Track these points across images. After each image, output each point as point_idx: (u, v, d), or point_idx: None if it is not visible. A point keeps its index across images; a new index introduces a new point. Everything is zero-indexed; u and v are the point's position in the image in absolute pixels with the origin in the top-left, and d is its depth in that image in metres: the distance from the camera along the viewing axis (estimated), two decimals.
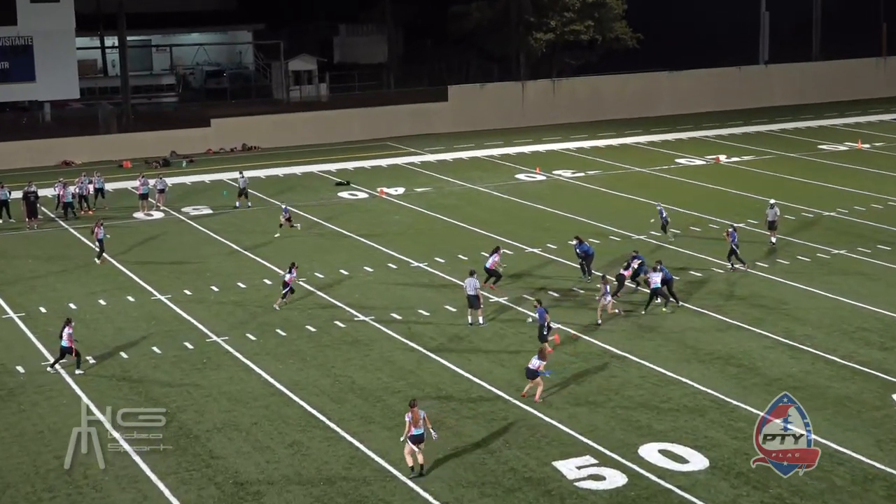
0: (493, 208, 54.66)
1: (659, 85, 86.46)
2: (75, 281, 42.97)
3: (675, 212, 52.19)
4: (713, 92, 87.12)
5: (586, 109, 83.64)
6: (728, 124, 79.76)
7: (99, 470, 26.22)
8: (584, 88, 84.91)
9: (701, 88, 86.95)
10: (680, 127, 78.96)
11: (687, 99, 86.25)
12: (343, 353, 34.31)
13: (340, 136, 76.36)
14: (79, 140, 71.41)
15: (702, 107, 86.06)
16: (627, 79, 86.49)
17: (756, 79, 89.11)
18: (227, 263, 45.09)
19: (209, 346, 35.03)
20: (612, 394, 30.61)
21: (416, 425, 25.67)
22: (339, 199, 57.78)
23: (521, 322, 36.79)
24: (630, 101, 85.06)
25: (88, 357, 34.05)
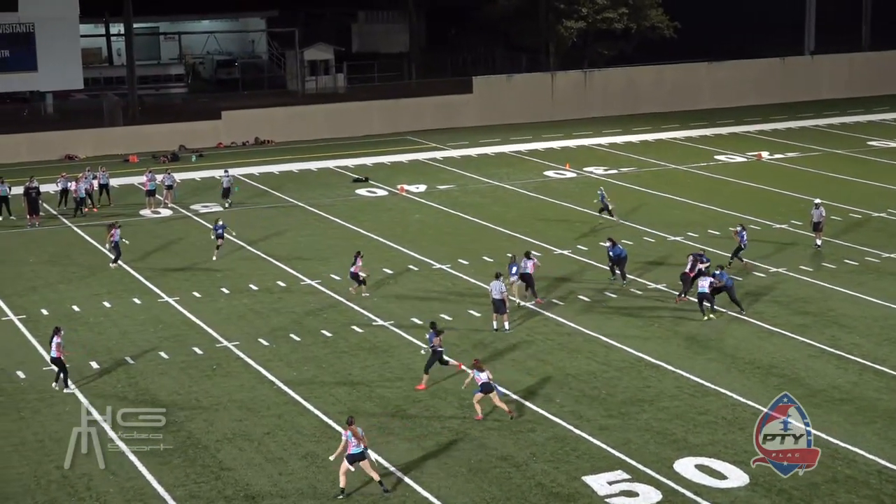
0: (520, 207, 54.69)
1: (697, 76, 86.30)
2: (79, 282, 43.21)
3: (715, 212, 52.14)
4: (755, 84, 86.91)
5: (620, 102, 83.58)
6: (771, 119, 79.55)
7: (103, 479, 26.40)
8: (618, 80, 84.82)
9: (742, 80, 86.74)
10: (720, 121, 78.81)
11: (727, 91, 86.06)
12: (361, 359, 34.40)
13: (359, 130, 76.52)
14: (82, 133, 71.82)
15: (743, 100, 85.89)
16: (664, 70, 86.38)
17: (801, 70, 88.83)
18: (238, 264, 45.26)
19: (219, 352, 35.19)
20: (647, 405, 30.61)
21: (355, 443, 25.51)
22: (357, 196, 57.91)
23: (549, 327, 36.81)
24: (666, 93, 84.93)
25: (92, 362, 34.27)
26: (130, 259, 45.94)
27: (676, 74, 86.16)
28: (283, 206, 55.44)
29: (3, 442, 28.87)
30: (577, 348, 34.99)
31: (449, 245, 47.43)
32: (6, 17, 73.29)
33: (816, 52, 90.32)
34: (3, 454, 28.16)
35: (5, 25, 73.40)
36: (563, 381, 32.42)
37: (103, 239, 46.56)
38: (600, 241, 46.34)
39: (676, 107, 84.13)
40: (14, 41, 73.94)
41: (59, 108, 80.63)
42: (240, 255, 46.68)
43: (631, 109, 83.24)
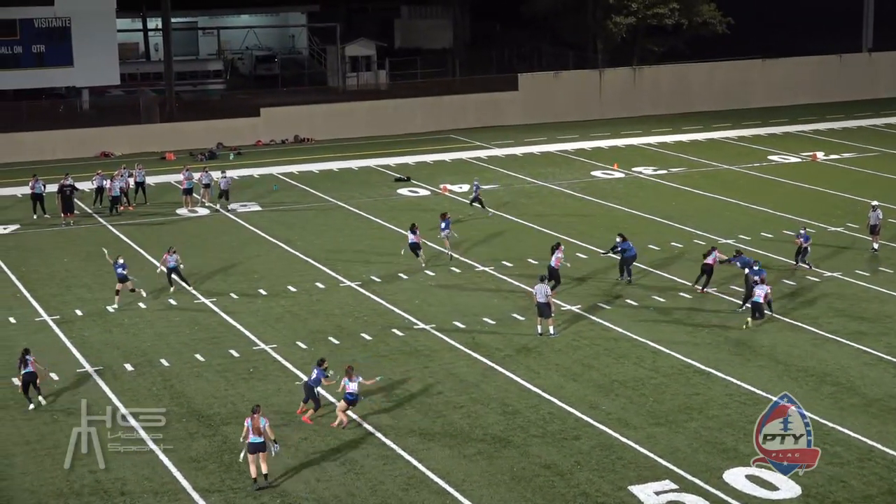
0: (566, 208, 54.59)
1: (751, 74, 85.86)
2: (113, 282, 43.37)
3: (767, 214, 51.88)
4: (811, 82, 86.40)
5: (670, 100, 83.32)
6: (827, 118, 79.04)
7: (137, 483, 26.60)
8: (668, 77, 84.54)
9: (797, 78, 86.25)
10: (773, 120, 78.38)
11: (782, 89, 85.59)
12: (401, 364, 34.45)
13: (401, 128, 76.65)
14: (119, 130, 72.30)
15: (798, 98, 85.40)
16: (716, 67, 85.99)
17: (859, 68, 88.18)
18: (276, 265, 45.43)
19: (256, 355, 35.33)
20: (696, 413, 30.48)
21: (256, 433, 26.16)
22: (399, 196, 58.00)
23: (595, 332, 36.72)
24: (719, 91, 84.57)
25: (127, 364, 34.48)
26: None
27: (729, 72, 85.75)
28: (323, 205, 55.60)
29: (37, 445, 29.11)
30: (623, 354, 34.90)
31: (492, 246, 47.41)
32: (42, 11, 73.88)
33: (875, 50, 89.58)
34: (37, 457, 28.38)
35: (41, 20, 74.00)
36: (609, 387, 32.35)
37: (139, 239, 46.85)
38: (648, 244, 46.19)
39: (729, 105, 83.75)
40: (50, 36, 74.52)
41: (95, 104, 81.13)
42: (278, 255, 46.85)
43: (681, 108, 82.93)
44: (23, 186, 57.47)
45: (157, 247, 47.93)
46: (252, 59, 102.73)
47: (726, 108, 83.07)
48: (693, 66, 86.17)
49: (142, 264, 45.66)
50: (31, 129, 71.29)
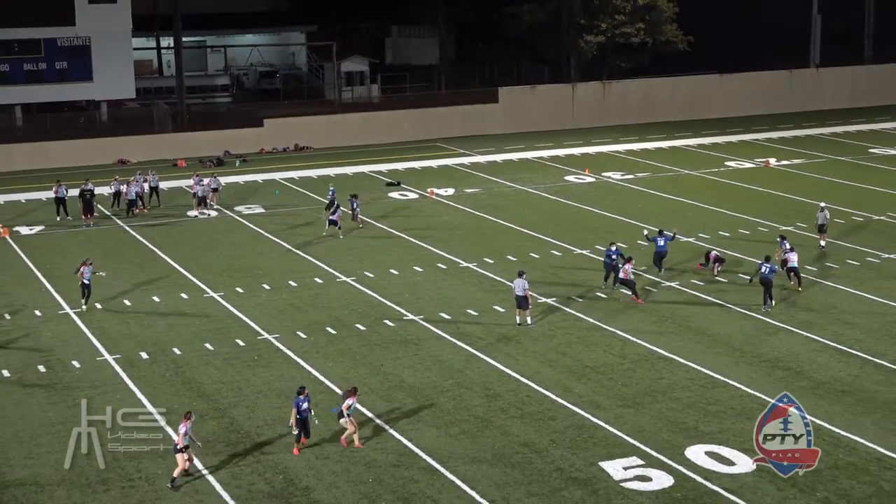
0: (542, 209, 54.62)
1: (709, 88, 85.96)
2: (130, 277, 43.41)
3: (725, 215, 51.96)
4: (763, 95, 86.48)
5: (636, 112, 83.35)
6: (778, 127, 79.13)
7: (151, 461, 26.54)
8: (635, 91, 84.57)
9: (751, 91, 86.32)
10: (730, 130, 78.47)
11: (737, 102, 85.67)
12: (392, 351, 34.45)
13: (391, 137, 76.59)
14: (134, 139, 72.13)
15: (752, 110, 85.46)
16: (678, 81, 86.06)
17: (807, 82, 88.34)
18: (278, 262, 45.39)
19: (260, 344, 35.31)
20: (660, 395, 30.54)
21: None
22: (390, 199, 57.97)
23: (569, 322, 36.76)
24: (680, 103, 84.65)
25: (142, 353, 34.43)
26: (178, 256, 46.15)
27: (690, 86, 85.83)
28: (321, 207, 55.48)
29: (61, 427, 29.03)
30: (594, 342, 34.94)
31: (475, 245, 47.41)
32: (64, 31, 73.61)
33: (822, 65, 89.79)
34: (61, 437, 28.30)
35: (63, 39, 73.76)
36: (581, 372, 32.39)
37: (153, 238, 46.77)
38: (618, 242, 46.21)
39: (689, 116, 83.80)
40: (72, 54, 74.25)
41: (112, 115, 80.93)
42: (280, 253, 46.79)
43: (647, 118, 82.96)
44: (47, 191, 57.35)
45: (170, 245, 47.93)
46: (256, 75, 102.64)
47: (687, 119, 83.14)
48: (657, 81, 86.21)
49: (156, 261, 45.61)
50: (54, 139, 71.16)
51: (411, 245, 47.73)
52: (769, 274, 37.94)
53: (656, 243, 42.39)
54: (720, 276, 41.54)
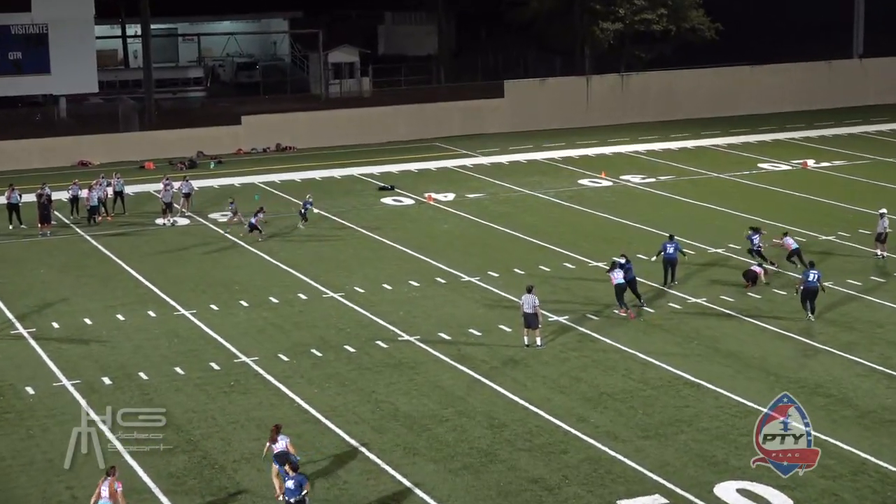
0: (553, 217, 54.55)
1: (740, 81, 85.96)
2: (92, 293, 43.30)
3: (758, 222, 51.88)
4: (800, 89, 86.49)
5: (658, 108, 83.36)
6: (817, 125, 79.19)
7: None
8: (657, 84, 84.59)
9: (787, 85, 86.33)
10: (763, 128, 78.47)
11: (771, 96, 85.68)
12: (385, 376, 34.33)
13: (384, 136, 76.55)
14: (97, 138, 72.07)
15: (788, 105, 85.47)
16: (705, 74, 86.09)
17: (849, 74, 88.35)
18: (258, 276, 45.29)
19: (237, 368, 35.18)
20: (685, 425, 30.41)
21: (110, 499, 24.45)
22: (383, 205, 57.91)
23: (583, 343, 36.64)
24: (707, 98, 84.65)
25: (105, 378, 34.27)
26: (145, 269, 46.05)
27: (717, 78, 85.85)
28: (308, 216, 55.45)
29: (12, 462, 28.87)
30: (612, 366, 34.82)
31: (478, 256, 47.33)
32: (19, 17, 73.62)
33: (865, 56, 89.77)
34: (12, 474, 28.14)
35: (18, 26, 73.75)
36: (597, 399, 32.27)
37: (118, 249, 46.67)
38: (638, 253, 46.13)
39: (717, 112, 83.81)
40: (27, 43, 74.27)
41: (72, 112, 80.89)
42: (260, 266, 46.70)
43: (670, 115, 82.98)
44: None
45: (136, 257, 47.81)
46: (233, 67, 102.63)
47: (715, 116, 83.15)
48: (681, 73, 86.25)
49: (121, 276, 45.50)
50: (6, 138, 70.98)
51: (407, 257, 47.65)
52: (815, 282, 38.06)
53: (665, 250, 42.38)
54: (752, 292, 41.43)
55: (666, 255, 42.47)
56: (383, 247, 49.43)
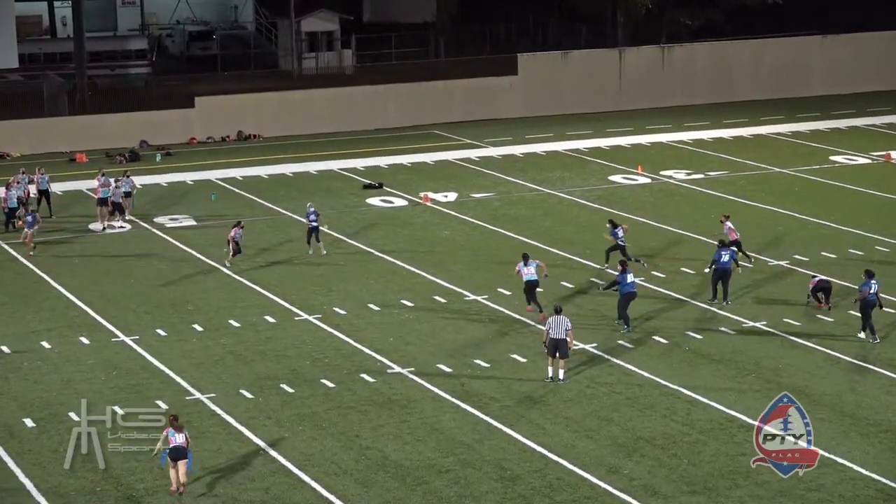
0: (579, 221, 54.65)
1: (808, 54, 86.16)
2: (10, 315, 43.29)
3: (830, 228, 51.97)
4: (882, 63, 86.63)
5: (707, 87, 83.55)
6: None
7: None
8: (705, 58, 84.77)
9: (865, 59, 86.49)
10: (836, 112, 78.64)
11: (845, 73, 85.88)
12: (372, 417, 34.37)
13: (371, 122, 76.71)
14: (16, 124, 72.22)
15: (867, 84, 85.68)
16: (763, 45, 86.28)
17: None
18: (215, 293, 45.37)
19: (190, 406, 35.20)
20: (741, 478, 30.46)
21: None
22: (369, 206, 58.04)
23: (616, 377, 36.69)
24: (768, 75, 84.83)
25: (27, 419, 34.33)
26: (76, 286, 46.12)
27: (781, 51, 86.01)
28: (274, 219, 55.48)
29: None
30: (650, 404, 34.87)
31: (486, 270, 47.44)
32: None
33: None
34: None
35: None
36: (632, 446, 32.32)
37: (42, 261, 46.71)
38: (681, 266, 46.22)
39: (780, 93, 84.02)
40: None
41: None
42: (217, 282, 46.77)
43: (721, 96, 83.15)
44: None
45: (65, 271, 47.86)
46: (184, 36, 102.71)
47: (777, 97, 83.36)
48: (735, 45, 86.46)
49: (47, 293, 45.53)
50: None
51: (398, 270, 47.78)
52: (873, 296, 38.31)
53: (718, 259, 42.38)
54: (824, 315, 41.50)
55: (720, 266, 42.45)
56: (369, 258, 49.50)
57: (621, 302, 40.82)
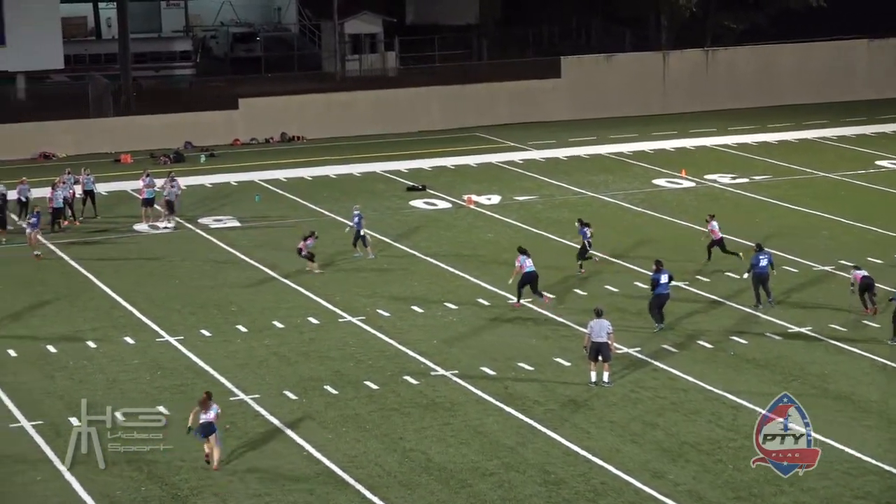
0: (622, 225, 54.53)
1: (854, 57, 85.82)
2: (56, 315, 43.48)
3: (876, 234, 51.72)
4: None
5: (752, 91, 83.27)
6: None
7: None
8: (749, 62, 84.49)
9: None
10: (882, 116, 78.24)
11: (893, 77, 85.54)
12: (415, 419, 34.35)
13: (414, 124, 76.72)
14: (62, 125, 72.48)
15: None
16: (810, 49, 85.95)
17: None
18: (259, 295, 45.46)
19: (234, 408, 35.24)
20: (786, 484, 30.28)
21: None
22: (412, 209, 58.09)
23: (660, 381, 36.60)
24: (814, 79, 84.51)
25: (72, 418, 34.44)
26: (122, 287, 46.30)
27: (826, 55, 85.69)
28: (317, 220, 55.53)
29: None
30: (695, 409, 34.74)
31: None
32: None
33: None
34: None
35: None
36: (677, 451, 32.21)
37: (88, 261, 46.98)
38: (727, 270, 46.09)
39: (827, 97, 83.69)
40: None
41: (32, 92, 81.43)
42: (261, 283, 46.85)
43: (766, 100, 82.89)
44: None
45: (111, 272, 48.04)
46: (228, 38, 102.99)
47: (823, 101, 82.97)
48: (781, 48, 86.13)
49: (92, 293, 45.72)
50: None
51: (441, 273, 47.83)
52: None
53: (756, 263, 42.29)
54: (870, 321, 41.27)
55: (757, 271, 42.38)
56: (413, 260, 49.50)
57: (653, 303, 41.00)
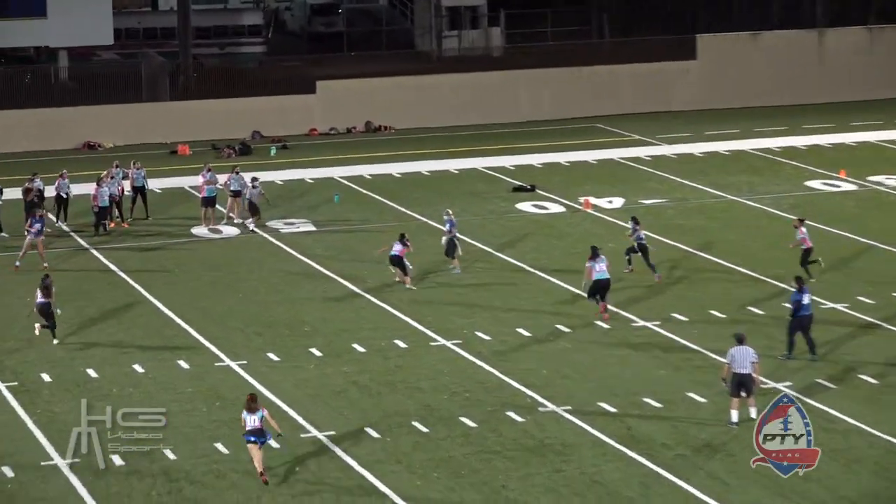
0: (770, 234, 54.15)
1: None
2: (99, 333, 43.62)
3: None
4: None
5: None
6: None
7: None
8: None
9: None
10: None
11: None
12: (520, 465, 34.08)
13: (521, 113, 76.80)
14: (110, 110, 73.19)
15: None
16: None
17: None
18: (336, 313, 45.45)
19: (305, 445, 35.15)
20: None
21: None
22: (519, 213, 58.00)
23: (813, 422, 36.02)
24: None
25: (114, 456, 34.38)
26: (175, 300, 46.38)
27: None
28: (407, 225, 55.39)
29: None
30: (857, 458, 34.24)
31: (657, 291, 47.17)
32: None
33: None
34: None
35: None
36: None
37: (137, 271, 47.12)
38: (892, 290, 45.48)
39: None
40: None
41: (77, 73, 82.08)
42: (340, 299, 46.75)
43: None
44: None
45: (163, 283, 48.16)
46: (305, 10, 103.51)
47: None
48: None
49: (141, 309, 45.75)
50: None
51: (553, 289, 47.66)
52: None
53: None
54: None
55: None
56: (519, 274, 49.36)
57: (793, 325, 40.46)
